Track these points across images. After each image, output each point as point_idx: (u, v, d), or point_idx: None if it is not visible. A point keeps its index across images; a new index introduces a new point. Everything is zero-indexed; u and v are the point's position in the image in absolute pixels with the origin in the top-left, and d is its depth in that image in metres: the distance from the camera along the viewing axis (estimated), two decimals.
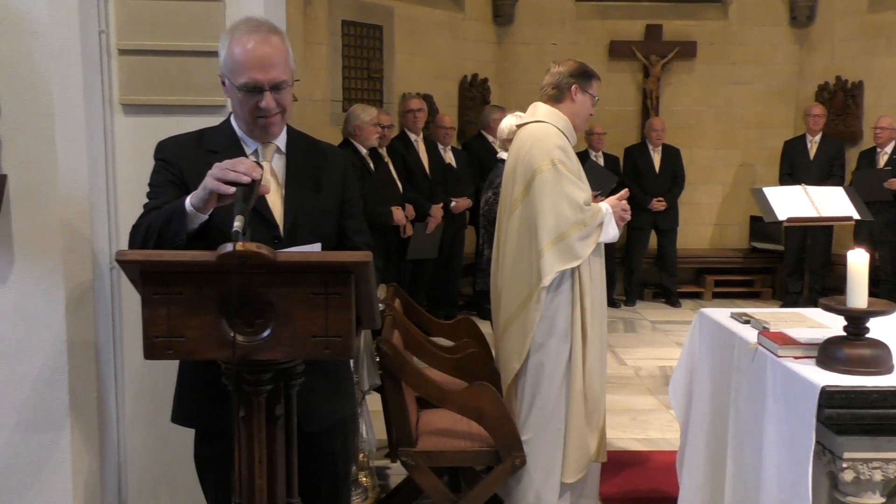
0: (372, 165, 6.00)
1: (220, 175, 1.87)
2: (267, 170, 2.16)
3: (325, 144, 2.40)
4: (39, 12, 2.69)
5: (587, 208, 3.29)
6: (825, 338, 2.32)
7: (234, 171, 1.86)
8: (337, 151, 2.43)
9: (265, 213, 2.15)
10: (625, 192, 3.53)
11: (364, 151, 5.95)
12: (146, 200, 2.20)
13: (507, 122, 3.50)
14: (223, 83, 2.17)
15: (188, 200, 1.96)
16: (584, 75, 3.42)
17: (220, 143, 2.21)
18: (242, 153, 2.18)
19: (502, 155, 5.62)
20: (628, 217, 3.49)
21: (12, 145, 2.72)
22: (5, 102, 2.71)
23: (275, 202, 2.18)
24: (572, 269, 3.29)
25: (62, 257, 2.79)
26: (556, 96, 3.44)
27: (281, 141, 2.24)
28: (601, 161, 8.02)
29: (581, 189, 3.30)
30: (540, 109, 3.45)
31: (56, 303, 2.79)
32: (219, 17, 2.94)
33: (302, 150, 2.28)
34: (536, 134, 3.38)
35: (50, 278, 2.78)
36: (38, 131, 2.73)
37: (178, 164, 2.19)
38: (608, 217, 3.37)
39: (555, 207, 3.25)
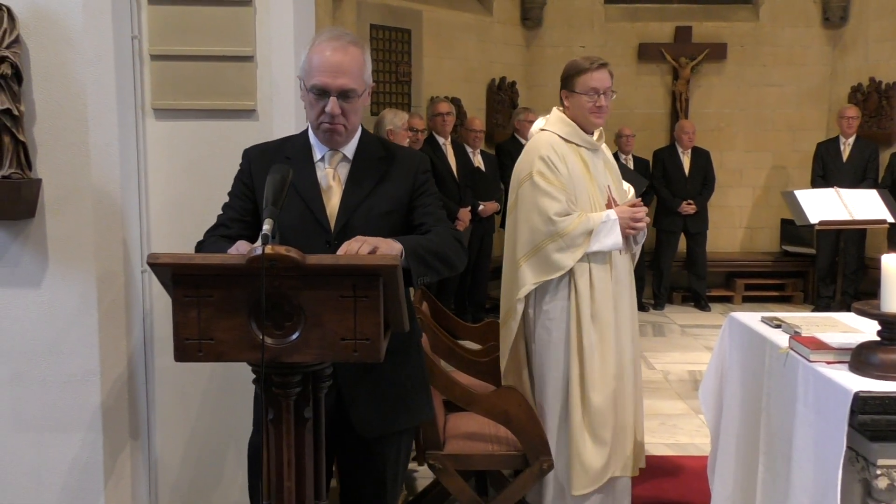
0: None
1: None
2: (330, 175, 2.25)
3: (397, 148, 2.42)
4: (74, 20, 2.74)
5: (560, 220, 3.19)
6: (858, 342, 2.29)
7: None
8: (409, 153, 2.43)
9: (320, 217, 2.21)
10: (637, 200, 3.37)
11: None
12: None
13: (536, 126, 3.48)
14: (301, 87, 2.24)
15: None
16: (565, 80, 3.36)
17: (294, 150, 2.29)
18: (311, 159, 2.27)
19: None
20: (639, 227, 3.30)
21: (47, 150, 2.77)
22: (40, 108, 2.75)
23: (333, 206, 2.23)
24: (568, 281, 3.25)
25: (95, 260, 2.83)
26: (561, 102, 3.44)
27: (350, 148, 2.29)
28: (631, 164, 7.98)
29: (556, 200, 3.21)
30: (552, 115, 3.44)
31: (88, 305, 2.83)
32: (248, 22, 2.97)
33: (371, 156, 2.30)
34: (529, 145, 3.40)
35: (83, 281, 2.82)
36: (71, 136, 2.78)
37: (250, 170, 2.30)
38: (609, 225, 3.22)
39: (529, 220, 3.25)
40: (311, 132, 2.31)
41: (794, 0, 8.96)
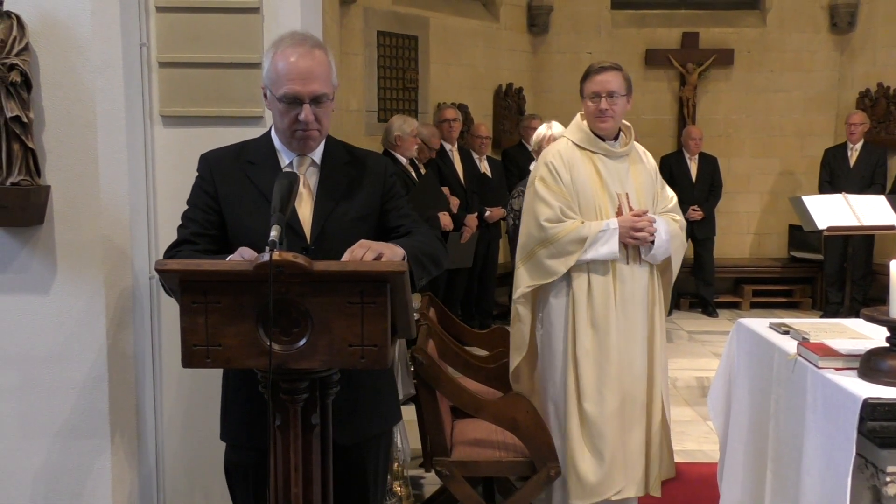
0: (414, 174, 6.03)
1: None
2: (300, 182, 2.19)
3: (364, 153, 2.39)
4: (83, 27, 2.75)
5: (550, 226, 3.21)
6: (867, 349, 2.28)
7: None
8: (376, 157, 2.41)
9: (294, 225, 2.17)
10: (640, 210, 3.29)
11: (404, 161, 5.97)
12: (185, 211, 2.25)
13: (539, 133, 3.49)
14: (265, 95, 2.21)
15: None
16: (581, 87, 3.39)
17: (258, 155, 2.25)
18: (277, 165, 2.22)
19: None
20: (641, 236, 3.23)
21: (55, 157, 2.78)
22: (49, 115, 2.77)
23: (305, 214, 2.20)
24: (566, 287, 3.26)
25: (103, 267, 2.84)
26: None
27: (317, 154, 2.25)
28: None
29: (549, 206, 3.23)
30: (573, 121, 3.46)
31: (96, 312, 2.84)
32: (257, 29, 2.98)
33: (338, 161, 2.28)
34: (543, 152, 3.48)
35: (91, 288, 2.83)
36: (80, 143, 2.79)
37: (212, 178, 2.24)
38: (608, 234, 3.20)
39: (527, 224, 3.33)
40: (274, 137, 2.26)
41: (801, 6, 8.94)
